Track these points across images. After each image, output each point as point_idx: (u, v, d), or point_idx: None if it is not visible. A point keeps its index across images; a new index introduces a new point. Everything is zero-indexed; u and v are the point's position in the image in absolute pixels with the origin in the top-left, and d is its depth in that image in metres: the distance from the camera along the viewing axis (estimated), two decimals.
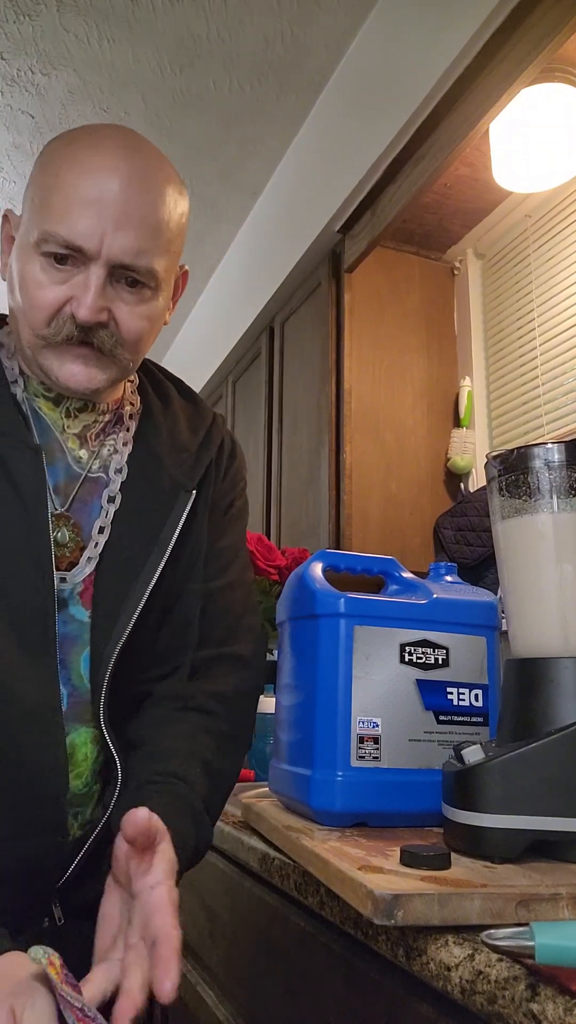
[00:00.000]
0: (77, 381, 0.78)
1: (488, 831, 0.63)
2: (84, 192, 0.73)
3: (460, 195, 2.00)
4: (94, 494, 0.82)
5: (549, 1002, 0.43)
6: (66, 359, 0.77)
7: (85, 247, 0.73)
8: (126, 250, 0.74)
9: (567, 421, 1.78)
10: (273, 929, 0.83)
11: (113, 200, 0.74)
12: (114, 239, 0.74)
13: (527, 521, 0.74)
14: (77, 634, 0.78)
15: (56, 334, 0.76)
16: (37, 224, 0.75)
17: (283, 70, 2.16)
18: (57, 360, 0.78)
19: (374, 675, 0.83)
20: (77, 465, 0.83)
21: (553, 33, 1.33)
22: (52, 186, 0.75)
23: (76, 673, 0.78)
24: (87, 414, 0.85)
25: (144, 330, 0.80)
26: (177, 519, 0.83)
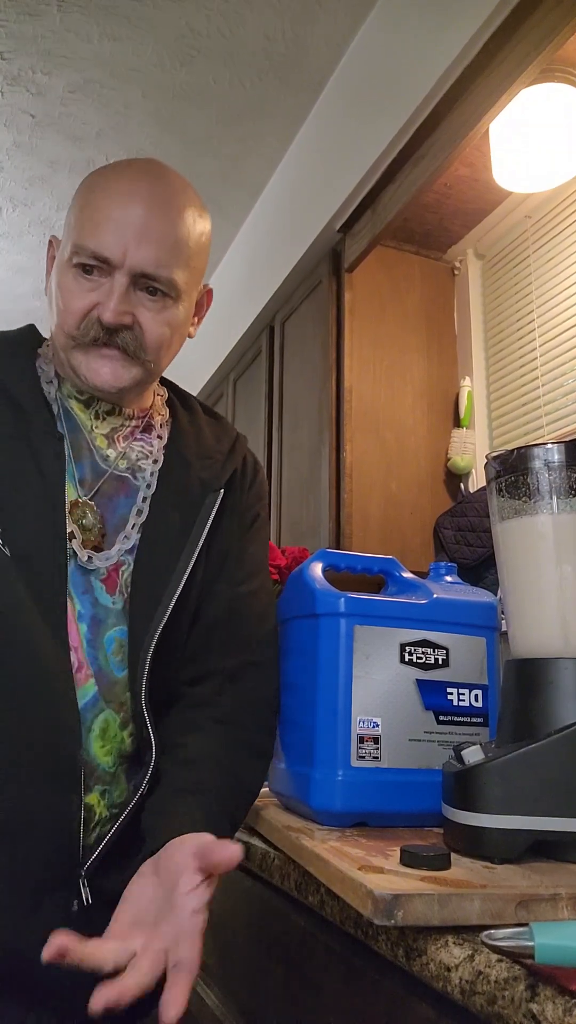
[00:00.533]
0: (102, 378, 0.86)
1: (488, 831, 0.63)
2: (110, 211, 0.84)
3: (460, 195, 2.00)
4: (120, 491, 0.89)
5: (549, 1002, 0.43)
6: (92, 358, 0.86)
7: (110, 257, 0.83)
8: (146, 261, 0.84)
9: (567, 421, 1.78)
10: (273, 929, 0.83)
11: (137, 218, 0.84)
12: (136, 251, 0.83)
13: (527, 522, 0.74)
14: (103, 617, 0.84)
15: (84, 335, 0.85)
16: (71, 240, 0.85)
17: (284, 68, 2.15)
18: (85, 359, 0.86)
19: (374, 675, 0.83)
20: (104, 462, 0.90)
21: (553, 33, 1.34)
22: (84, 207, 0.86)
23: (102, 654, 0.83)
24: (115, 417, 0.93)
25: (165, 335, 0.87)
26: (207, 516, 0.90)
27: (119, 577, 0.86)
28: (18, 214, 2.88)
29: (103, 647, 0.83)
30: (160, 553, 0.88)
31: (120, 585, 0.86)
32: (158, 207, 0.86)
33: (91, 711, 0.81)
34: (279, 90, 2.23)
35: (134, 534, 0.88)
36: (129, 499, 0.89)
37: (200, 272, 0.92)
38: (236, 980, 0.92)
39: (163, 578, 0.86)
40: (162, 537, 0.88)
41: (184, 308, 0.90)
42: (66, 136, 2.48)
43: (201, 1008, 1.01)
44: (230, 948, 0.96)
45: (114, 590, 0.86)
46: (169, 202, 0.87)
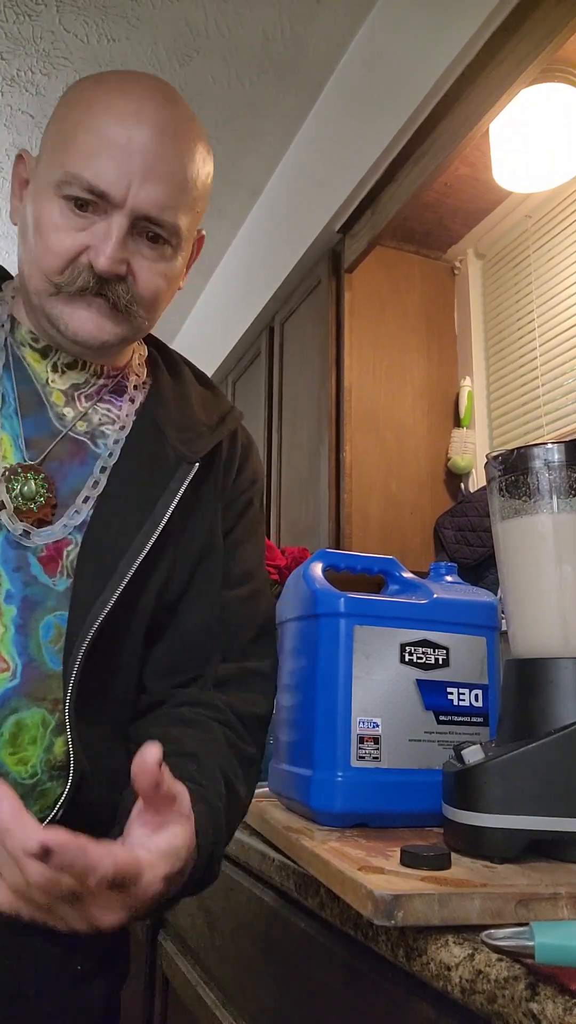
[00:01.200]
0: (87, 331, 0.74)
1: (488, 831, 0.63)
2: (113, 136, 0.70)
3: (460, 195, 2.00)
4: (75, 456, 0.77)
5: (549, 1001, 0.43)
6: (77, 307, 0.74)
7: (110, 193, 0.70)
8: (153, 202, 0.72)
9: (567, 421, 1.78)
10: (273, 930, 0.83)
11: (143, 148, 0.71)
12: (141, 189, 0.71)
13: (527, 522, 0.74)
14: (39, 599, 0.72)
15: (70, 283, 0.73)
16: (59, 164, 0.71)
17: (283, 67, 2.15)
18: (67, 308, 0.74)
19: (374, 675, 0.83)
20: (59, 422, 0.78)
21: (553, 33, 1.33)
22: (78, 125, 0.71)
23: (35, 642, 0.71)
24: (77, 372, 0.80)
25: (161, 289, 0.77)
26: (175, 492, 0.77)
27: (62, 557, 0.74)
28: None
29: (36, 633, 0.71)
30: (114, 531, 0.75)
31: (64, 565, 0.74)
32: (170, 138, 0.73)
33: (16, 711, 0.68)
34: (278, 89, 2.23)
35: (86, 508, 0.75)
36: (85, 467, 0.77)
37: (200, 217, 0.81)
38: (236, 981, 0.92)
39: (114, 559, 0.73)
40: (118, 513, 0.76)
41: (182, 258, 0.79)
42: None
43: (201, 1008, 1.01)
44: (230, 949, 0.96)
45: (55, 570, 0.73)
46: (181, 132, 0.74)
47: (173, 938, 1.22)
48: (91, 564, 0.73)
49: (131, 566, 0.73)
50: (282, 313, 2.43)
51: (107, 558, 0.74)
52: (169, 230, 0.74)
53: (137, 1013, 1.31)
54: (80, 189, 0.70)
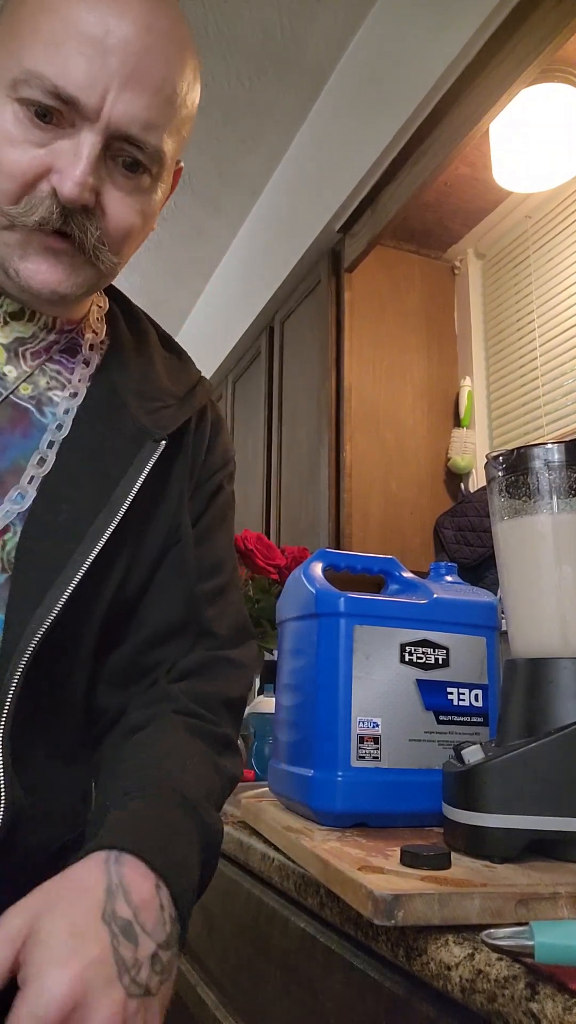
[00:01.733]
0: (42, 280, 0.61)
1: (488, 831, 0.63)
2: (86, 25, 0.55)
3: (460, 194, 2.00)
4: (16, 425, 0.65)
5: (548, 1001, 0.43)
6: (31, 251, 0.60)
7: (82, 100, 0.56)
8: (134, 117, 0.58)
9: (567, 421, 1.78)
10: (273, 930, 0.83)
11: (125, 45, 0.56)
12: (120, 98, 0.57)
13: (527, 522, 0.74)
14: None
15: (28, 212, 0.58)
16: (15, 59, 0.56)
17: (283, 66, 2.15)
18: (19, 250, 0.60)
19: (374, 675, 0.83)
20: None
21: (553, 34, 1.34)
22: (41, 9, 0.56)
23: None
24: (23, 324, 0.67)
25: (135, 227, 0.64)
26: (138, 473, 0.66)
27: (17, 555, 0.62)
28: None
29: None
30: (63, 518, 0.63)
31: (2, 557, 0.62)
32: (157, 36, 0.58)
33: None
34: (278, 89, 2.23)
35: (30, 490, 0.63)
36: (28, 441, 0.65)
37: (184, 145, 0.67)
38: (235, 981, 0.92)
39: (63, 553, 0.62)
40: (69, 497, 0.64)
41: (161, 191, 0.65)
42: None
43: (201, 1009, 1.01)
44: (229, 950, 0.96)
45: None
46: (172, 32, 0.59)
47: None
48: (33, 557, 0.62)
49: (84, 561, 0.61)
50: (282, 313, 2.43)
51: (54, 551, 0.62)
52: (151, 155, 0.60)
53: None
54: (42, 92, 0.55)
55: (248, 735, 1.49)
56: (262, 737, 1.43)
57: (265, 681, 1.69)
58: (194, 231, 2.85)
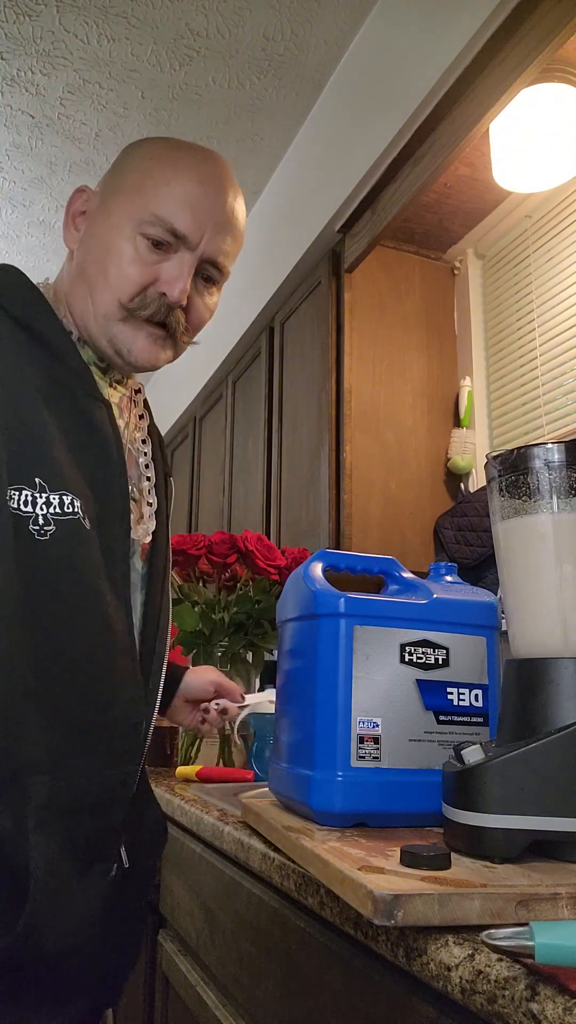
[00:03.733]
0: (146, 357, 0.86)
1: (488, 831, 0.63)
2: (198, 192, 0.84)
3: (460, 195, 2.00)
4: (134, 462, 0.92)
5: (549, 1002, 0.43)
6: (140, 335, 0.85)
7: (189, 237, 0.83)
8: (219, 249, 0.86)
9: (567, 421, 1.78)
10: (273, 930, 0.83)
11: (219, 206, 0.85)
12: (213, 238, 0.85)
13: (527, 521, 0.74)
14: (136, 583, 0.88)
15: (142, 308, 0.84)
16: (144, 207, 0.83)
17: (283, 67, 2.16)
18: (132, 334, 0.85)
19: (374, 675, 0.83)
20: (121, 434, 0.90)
21: (553, 33, 1.34)
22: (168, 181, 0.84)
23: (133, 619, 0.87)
24: (122, 387, 0.92)
25: (205, 321, 0.91)
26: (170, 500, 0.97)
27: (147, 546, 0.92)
28: (17, 215, 2.88)
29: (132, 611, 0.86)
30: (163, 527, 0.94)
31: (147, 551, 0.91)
32: (234, 198, 0.88)
33: None
34: (278, 90, 2.23)
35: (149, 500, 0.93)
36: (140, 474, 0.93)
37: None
38: (236, 981, 0.92)
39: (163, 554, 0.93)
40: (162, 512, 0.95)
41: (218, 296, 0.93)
42: (65, 137, 2.49)
43: (201, 1009, 1.01)
44: (230, 949, 0.96)
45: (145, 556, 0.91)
46: (238, 198, 0.89)
47: (173, 938, 1.21)
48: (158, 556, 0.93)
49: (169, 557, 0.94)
50: (282, 313, 2.43)
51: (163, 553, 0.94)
52: (223, 273, 0.89)
53: (137, 1013, 1.31)
54: (163, 230, 0.83)
55: (248, 735, 1.49)
56: (262, 737, 1.43)
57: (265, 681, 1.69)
58: None
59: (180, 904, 1.16)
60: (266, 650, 1.70)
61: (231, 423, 2.83)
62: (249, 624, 1.63)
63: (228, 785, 1.35)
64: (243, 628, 1.63)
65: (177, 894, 1.18)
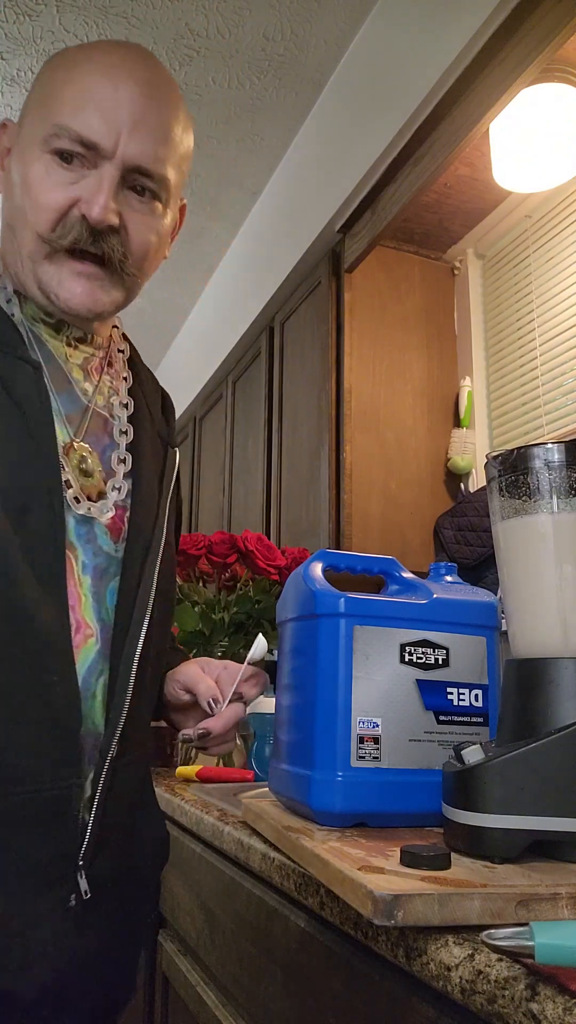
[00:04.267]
0: (79, 301, 0.74)
1: (488, 831, 0.63)
2: (100, 88, 0.71)
3: (460, 195, 2.00)
4: (104, 431, 0.80)
5: (549, 1002, 0.43)
6: (66, 274, 0.73)
7: (100, 144, 0.70)
8: (142, 153, 0.72)
9: (567, 421, 1.78)
10: (273, 930, 0.83)
11: (131, 100, 0.71)
12: (131, 139, 0.71)
13: (527, 521, 0.74)
14: (105, 567, 0.76)
15: (62, 236, 0.71)
16: (45, 119, 0.72)
17: (283, 68, 2.16)
18: (56, 274, 0.73)
19: (374, 675, 0.83)
20: (84, 397, 0.79)
21: (553, 33, 1.33)
22: (65, 82, 0.72)
23: (105, 608, 0.75)
24: (86, 346, 0.81)
25: (152, 245, 0.77)
26: (172, 471, 0.85)
27: (124, 523, 0.78)
28: None
29: (105, 600, 0.75)
30: (147, 506, 0.81)
31: (124, 531, 0.78)
32: (154, 92, 0.74)
33: (93, 675, 0.73)
34: (278, 90, 2.23)
35: (125, 484, 0.79)
36: (112, 442, 0.80)
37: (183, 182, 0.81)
38: (236, 981, 0.92)
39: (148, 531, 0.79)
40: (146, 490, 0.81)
41: (169, 218, 0.79)
42: None
43: (201, 1009, 1.01)
44: (230, 949, 0.96)
45: (118, 536, 0.77)
46: (165, 91, 0.75)
47: (173, 938, 1.21)
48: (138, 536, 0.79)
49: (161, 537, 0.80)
50: (282, 313, 2.43)
51: (146, 528, 0.80)
52: (159, 182, 0.74)
53: (137, 1013, 1.31)
54: (69, 141, 0.70)
55: (248, 735, 1.49)
56: (262, 737, 1.43)
57: None
58: (194, 231, 2.85)
59: (180, 904, 1.16)
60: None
61: (231, 423, 2.83)
62: (249, 624, 1.63)
63: (228, 785, 1.35)
64: (243, 628, 1.63)
65: (177, 894, 1.18)
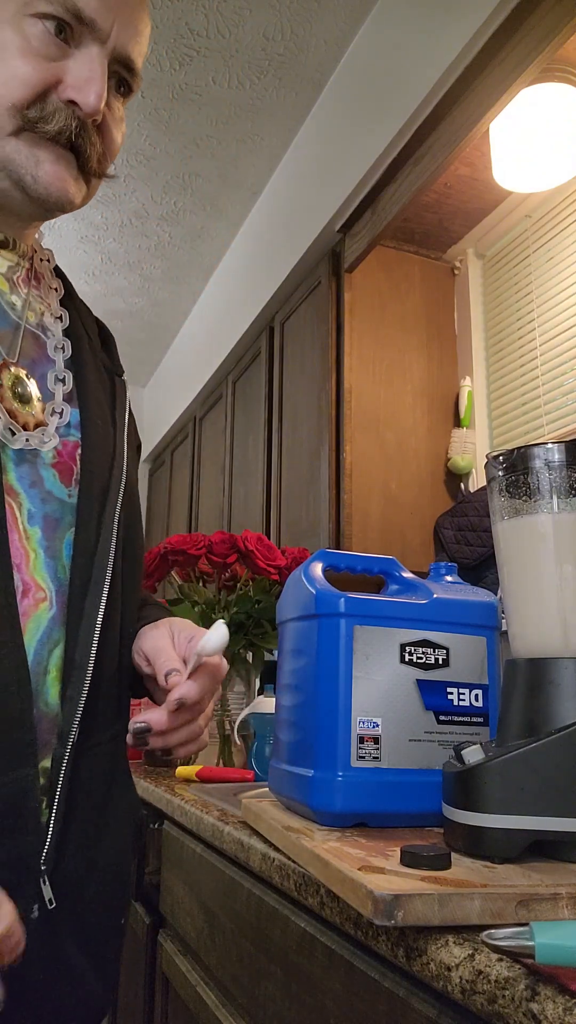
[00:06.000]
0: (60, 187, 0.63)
1: (488, 831, 0.63)
2: None
3: (460, 195, 2.00)
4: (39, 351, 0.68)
5: (549, 1002, 0.43)
6: (45, 155, 0.62)
7: (99, 23, 0.61)
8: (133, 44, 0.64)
9: (567, 421, 1.78)
10: (273, 930, 0.83)
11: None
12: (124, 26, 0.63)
13: (527, 521, 0.74)
14: (59, 515, 0.64)
15: (44, 120, 0.61)
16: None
17: (283, 68, 2.15)
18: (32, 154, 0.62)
19: (374, 675, 0.83)
20: (12, 312, 0.67)
21: (553, 33, 1.34)
22: None
23: (61, 564, 0.63)
24: (9, 252, 0.69)
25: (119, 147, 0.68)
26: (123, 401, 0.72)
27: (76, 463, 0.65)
28: None
29: (61, 554, 0.63)
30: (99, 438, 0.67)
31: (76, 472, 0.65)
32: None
33: (46, 646, 0.61)
34: (278, 90, 2.23)
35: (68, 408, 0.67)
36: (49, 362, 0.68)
37: None
38: (236, 981, 0.92)
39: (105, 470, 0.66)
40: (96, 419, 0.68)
41: None
42: None
43: (201, 1009, 1.01)
44: (230, 949, 0.96)
45: (70, 479, 0.65)
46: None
47: (173, 938, 1.21)
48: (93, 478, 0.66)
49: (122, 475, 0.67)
50: (282, 313, 2.43)
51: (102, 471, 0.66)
52: (136, 80, 0.67)
53: (137, 1013, 1.31)
54: (60, 7, 0.60)
55: (248, 735, 1.49)
56: (262, 737, 1.43)
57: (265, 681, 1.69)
58: (194, 231, 2.85)
59: (180, 904, 1.16)
60: (266, 650, 1.70)
61: (231, 423, 2.83)
62: (249, 624, 1.63)
63: (228, 785, 1.35)
64: (243, 628, 1.63)
65: (177, 894, 1.18)
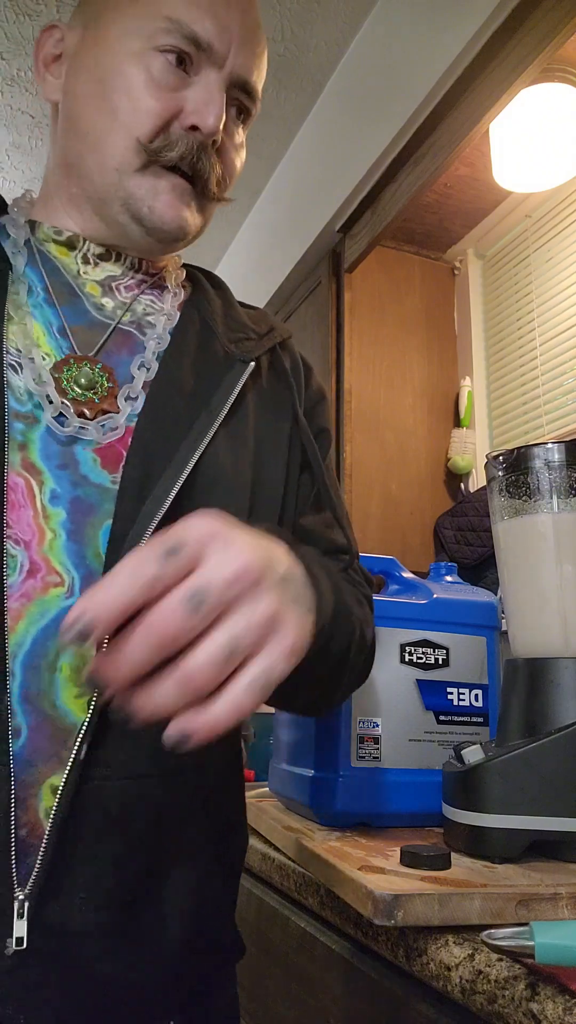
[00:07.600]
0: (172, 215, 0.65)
1: (488, 831, 0.63)
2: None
3: (460, 195, 2.00)
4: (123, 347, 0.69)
5: (549, 1002, 0.43)
6: (164, 187, 0.65)
7: (216, 47, 0.63)
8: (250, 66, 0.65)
9: (567, 421, 1.78)
10: (273, 930, 0.83)
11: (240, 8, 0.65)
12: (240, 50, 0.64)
13: (527, 521, 0.74)
14: (95, 501, 0.61)
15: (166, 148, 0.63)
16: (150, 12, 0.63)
17: (282, 68, 2.15)
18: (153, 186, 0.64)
19: (374, 675, 0.83)
20: (98, 312, 0.69)
21: (553, 33, 1.33)
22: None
23: (94, 551, 0.59)
24: (111, 264, 0.71)
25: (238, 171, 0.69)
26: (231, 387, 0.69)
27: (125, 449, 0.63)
28: None
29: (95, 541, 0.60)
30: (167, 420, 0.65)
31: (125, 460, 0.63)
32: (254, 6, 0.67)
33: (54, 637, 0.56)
34: (278, 90, 2.23)
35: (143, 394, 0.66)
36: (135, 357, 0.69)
37: None
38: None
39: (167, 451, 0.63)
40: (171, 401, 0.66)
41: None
42: None
43: None
44: None
45: (116, 466, 0.62)
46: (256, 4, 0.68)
47: None
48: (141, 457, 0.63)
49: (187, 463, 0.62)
50: (282, 313, 2.43)
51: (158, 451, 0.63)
52: (255, 102, 0.67)
53: None
54: (181, 38, 0.62)
55: (248, 735, 1.49)
56: (262, 737, 1.43)
57: None
58: None
59: None
60: None
61: None
62: None
63: None
64: None
65: None
